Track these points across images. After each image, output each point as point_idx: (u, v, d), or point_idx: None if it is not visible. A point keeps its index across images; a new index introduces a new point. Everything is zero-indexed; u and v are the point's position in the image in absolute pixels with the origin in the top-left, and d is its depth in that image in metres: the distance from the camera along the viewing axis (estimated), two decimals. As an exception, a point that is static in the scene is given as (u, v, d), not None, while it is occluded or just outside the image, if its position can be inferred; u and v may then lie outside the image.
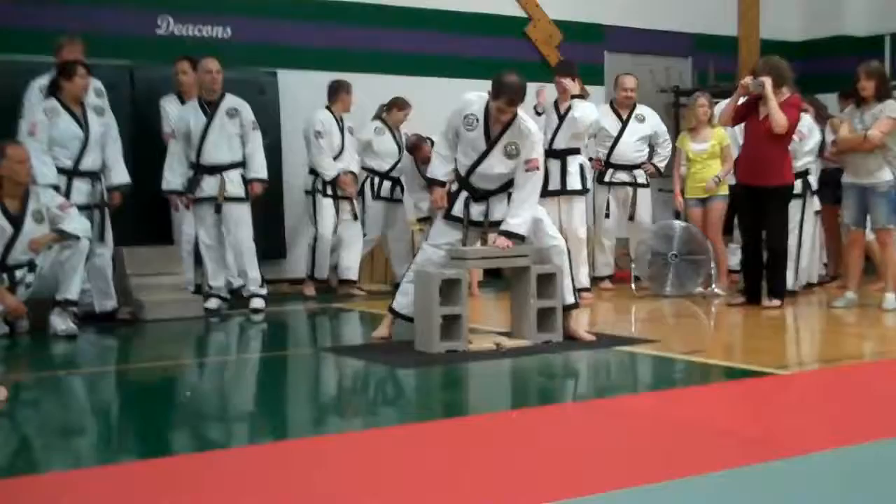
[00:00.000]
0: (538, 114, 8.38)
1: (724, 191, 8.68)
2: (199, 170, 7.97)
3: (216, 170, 7.94)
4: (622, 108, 9.35)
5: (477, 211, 6.33)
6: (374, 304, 8.29)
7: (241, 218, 7.99)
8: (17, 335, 6.85)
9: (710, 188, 8.62)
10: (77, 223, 6.95)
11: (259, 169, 8.05)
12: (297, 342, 7.54)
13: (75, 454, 4.14)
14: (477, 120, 6.19)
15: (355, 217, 9.09)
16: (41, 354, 6.47)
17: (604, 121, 9.28)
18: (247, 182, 8.01)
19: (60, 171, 7.31)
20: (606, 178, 9.30)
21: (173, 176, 8.02)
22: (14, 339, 6.77)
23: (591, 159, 9.37)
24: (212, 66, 7.95)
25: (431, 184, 6.44)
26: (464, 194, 6.33)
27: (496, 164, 6.22)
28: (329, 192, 8.97)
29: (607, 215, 9.26)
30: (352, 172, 9.05)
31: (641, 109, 9.39)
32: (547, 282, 6.19)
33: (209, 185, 7.95)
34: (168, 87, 8.69)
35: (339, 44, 10.03)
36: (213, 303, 7.99)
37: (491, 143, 6.18)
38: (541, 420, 4.47)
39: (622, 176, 9.23)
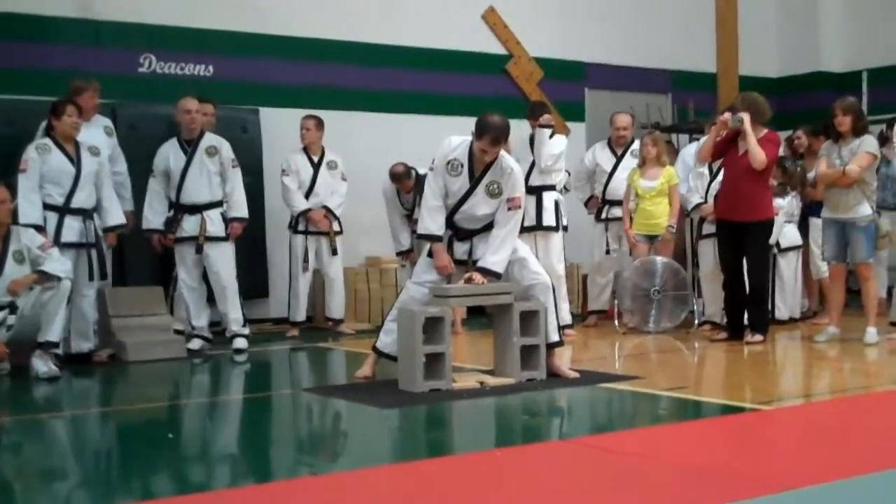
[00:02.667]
0: None
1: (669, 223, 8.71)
2: (179, 209, 7.96)
3: (196, 209, 7.94)
4: (618, 146, 9.36)
5: (461, 250, 6.34)
6: (358, 343, 8.28)
7: (222, 257, 7.98)
8: (-1, 377, 6.81)
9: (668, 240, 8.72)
10: (58, 264, 6.91)
11: (238, 208, 8.04)
12: (280, 383, 7.50)
13: (57, 498, 4.11)
14: (461, 165, 6.20)
15: (334, 252, 9.08)
16: (23, 397, 6.42)
17: (599, 157, 9.37)
18: (227, 221, 8.01)
19: (52, 207, 7.31)
20: (603, 215, 9.34)
21: (153, 215, 8.03)
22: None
23: (592, 197, 9.43)
24: (190, 106, 7.96)
25: (428, 240, 6.32)
26: (447, 233, 6.34)
27: (480, 205, 6.23)
28: (300, 227, 8.98)
29: (608, 252, 9.28)
30: (326, 208, 9.04)
31: (638, 145, 9.27)
32: (530, 319, 6.19)
33: (190, 225, 7.95)
34: (150, 125, 8.70)
35: (321, 81, 10.08)
36: (196, 343, 7.96)
37: (474, 183, 6.21)
38: (525, 458, 4.46)
39: (617, 212, 9.22)
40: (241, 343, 7.97)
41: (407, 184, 9.01)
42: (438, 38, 10.72)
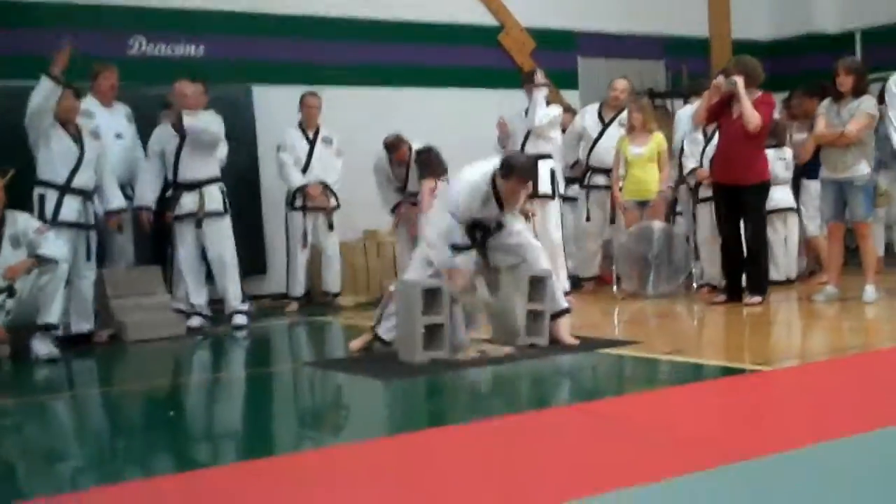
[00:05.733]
0: (502, 147, 8.39)
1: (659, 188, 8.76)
2: (178, 187, 7.98)
3: (194, 186, 7.96)
4: (609, 110, 9.27)
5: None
6: (356, 315, 8.29)
7: (221, 232, 8.02)
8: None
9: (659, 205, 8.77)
10: (55, 247, 6.91)
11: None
12: (281, 358, 7.51)
13: (62, 479, 4.12)
14: (491, 198, 6.21)
15: (331, 228, 9.09)
16: (24, 379, 6.43)
17: (587, 122, 9.33)
18: (224, 194, 8.04)
19: (53, 186, 7.34)
20: (585, 182, 9.31)
21: (145, 192, 8.05)
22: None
23: (577, 162, 9.41)
24: (186, 91, 7.96)
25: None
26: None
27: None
28: (298, 204, 8.99)
29: (588, 218, 9.26)
30: (323, 183, 9.05)
31: (626, 113, 9.17)
32: (537, 285, 6.20)
33: (188, 202, 7.96)
34: (142, 107, 8.67)
35: (313, 58, 10.04)
36: (195, 321, 7.97)
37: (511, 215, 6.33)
38: (527, 426, 4.46)
39: (599, 179, 9.20)
40: (241, 320, 7.99)
41: (401, 152, 8.95)
42: (430, 11, 10.66)
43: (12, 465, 4.39)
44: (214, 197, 8.02)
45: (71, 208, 7.38)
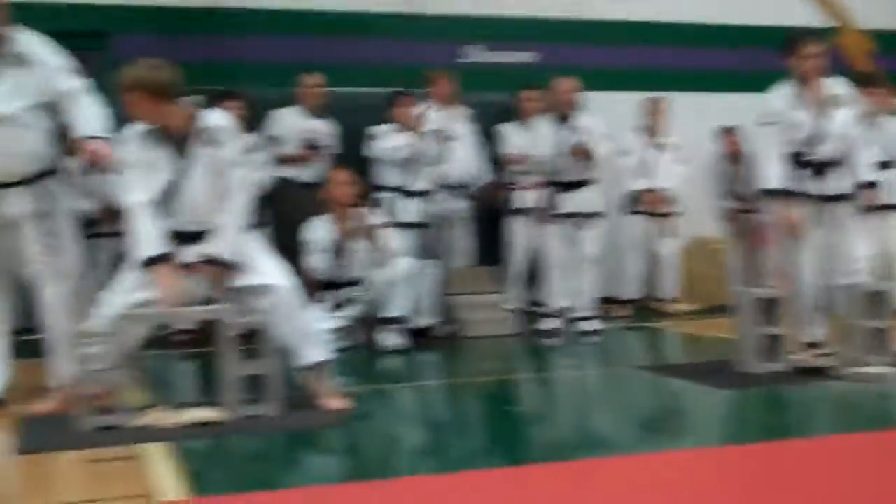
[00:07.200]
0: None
1: None
2: (557, 187, 7.87)
3: (573, 186, 7.83)
4: None
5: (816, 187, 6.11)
6: (690, 324, 8.19)
7: (595, 234, 7.88)
8: (352, 350, 7.26)
9: None
10: (394, 242, 7.45)
11: None
12: (614, 361, 7.39)
13: (412, 460, 4.42)
14: (789, 95, 6.06)
15: (669, 233, 9.05)
16: (373, 368, 6.87)
17: None
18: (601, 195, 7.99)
19: (392, 189, 7.91)
20: None
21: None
22: (350, 354, 7.12)
23: None
24: (568, 87, 7.83)
25: (776, 196, 6.04)
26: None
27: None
28: (635, 208, 9.11)
29: None
30: (662, 189, 9.12)
31: None
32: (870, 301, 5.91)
33: (568, 202, 7.81)
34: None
35: (656, 63, 10.26)
36: (552, 323, 7.85)
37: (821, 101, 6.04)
38: (876, 446, 4.26)
39: None
40: (593, 325, 7.93)
41: (730, 141, 8.74)
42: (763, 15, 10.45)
43: (363, 448, 4.67)
44: (593, 198, 7.87)
45: (410, 209, 7.87)
